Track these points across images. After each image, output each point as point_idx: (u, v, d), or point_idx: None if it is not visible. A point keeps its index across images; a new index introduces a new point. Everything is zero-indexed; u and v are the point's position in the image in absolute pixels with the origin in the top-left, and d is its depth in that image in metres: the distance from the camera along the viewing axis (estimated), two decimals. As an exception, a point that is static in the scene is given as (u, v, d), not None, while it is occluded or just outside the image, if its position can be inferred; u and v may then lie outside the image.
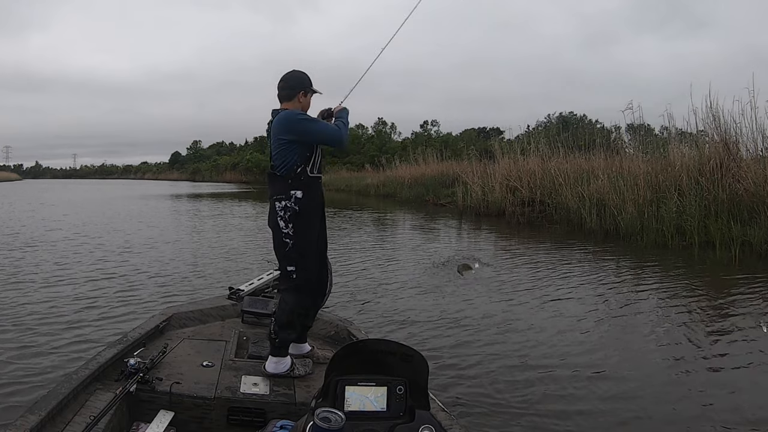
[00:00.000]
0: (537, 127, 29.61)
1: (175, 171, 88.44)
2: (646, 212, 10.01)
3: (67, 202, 23.71)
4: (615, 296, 6.18)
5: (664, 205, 9.76)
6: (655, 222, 9.75)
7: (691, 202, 9.53)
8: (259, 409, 2.46)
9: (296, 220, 2.67)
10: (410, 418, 1.83)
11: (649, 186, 10.51)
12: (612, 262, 8.26)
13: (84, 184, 59.68)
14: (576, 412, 3.21)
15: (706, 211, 9.43)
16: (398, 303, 5.73)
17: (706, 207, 9.48)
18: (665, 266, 7.84)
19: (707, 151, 10.38)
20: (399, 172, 25.84)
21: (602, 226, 10.93)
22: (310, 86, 2.79)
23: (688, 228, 9.20)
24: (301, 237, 2.69)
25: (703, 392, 3.53)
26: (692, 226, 9.13)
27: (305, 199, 2.67)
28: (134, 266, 7.61)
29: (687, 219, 9.32)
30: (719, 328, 4.91)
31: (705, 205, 9.50)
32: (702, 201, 9.52)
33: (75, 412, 2.20)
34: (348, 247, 9.79)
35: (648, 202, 10.23)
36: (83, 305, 5.41)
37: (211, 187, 46.72)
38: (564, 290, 6.39)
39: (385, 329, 4.74)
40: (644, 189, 10.44)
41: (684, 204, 9.65)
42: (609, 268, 7.82)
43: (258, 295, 3.88)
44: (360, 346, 2.02)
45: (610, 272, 7.54)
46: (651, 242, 9.50)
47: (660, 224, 9.63)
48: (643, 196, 10.30)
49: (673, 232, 9.36)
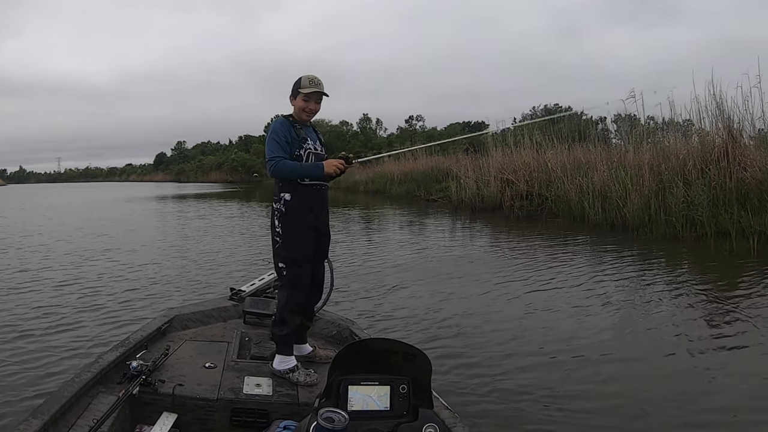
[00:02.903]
0: (524, 120, 29.11)
1: (160, 172, 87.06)
2: (653, 203, 9.47)
3: (56, 206, 23.02)
4: (635, 291, 5.77)
5: (672, 195, 9.24)
6: (663, 213, 9.22)
7: (698, 192, 9.03)
8: (262, 409, 2.43)
9: (284, 221, 2.77)
10: (414, 417, 1.80)
11: (653, 176, 9.98)
12: (625, 256, 7.70)
13: (70, 188, 59.00)
14: (584, 410, 3.06)
15: (714, 200, 8.97)
16: (400, 302, 5.52)
17: (714, 196, 9.02)
18: (684, 259, 7.34)
19: (711, 139, 9.93)
20: (388, 167, 25.15)
21: (606, 218, 10.36)
22: (296, 90, 2.82)
23: (699, 218, 8.67)
24: (288, 236, 2.76)
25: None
26: (703, 216, 8.61)
27: (293, 202, 2.76)
28: (134, 269, 7.40)
29: (697, 209, 8.81)
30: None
31: (713, 194, 9.03)
32: (711, 190, 9.04)
33: (78, 415, 2.15)
34: (345, 246, 9.24)
35: (653, 192, 9.69)
36: (84, 309, 5.29)
37: (196, 187, 45.62)
38: (576, 287, 5.99)
39: (387, 328, 4.60)
40: (648, 179, 9.90)
41: (691, 194, 9.15)
42: (623, 262, 7.29)
43: (259, 296, 3.80)
44: (362, 346, 1.99)
45: (625, 266, 7.02)
46: (661, 234, 8.95)
47: (668, 215, 9.10)
48: (648, 187, 9.75)
49: (683, 223, 8.83)
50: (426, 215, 15.04)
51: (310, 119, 2.91)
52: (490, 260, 7.96)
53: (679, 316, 4.83)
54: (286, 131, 2.78)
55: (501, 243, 9.66)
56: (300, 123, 2.84)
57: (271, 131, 2.79)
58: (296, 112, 2.83)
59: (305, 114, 2.83)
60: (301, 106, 2.80)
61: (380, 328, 4.59)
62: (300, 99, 2.79)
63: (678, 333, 4.37)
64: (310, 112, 2.83)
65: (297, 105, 2.81)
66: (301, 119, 2.85)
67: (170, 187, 47.97)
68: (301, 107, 2.80)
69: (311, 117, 2.88)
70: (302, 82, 2.79)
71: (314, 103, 2.83)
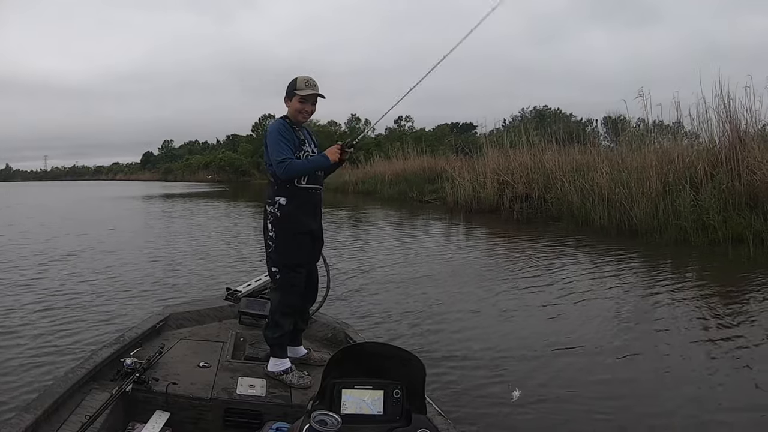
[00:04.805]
0: (513, 121, 28.71)
1: (147, 171, 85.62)
2: (661, 207, 9.00)
3: (44, 205, 22.25)
4: (645, 300, 5.40)
5: (680, 199, 8.77)
6: (672, 217, 8.75)
7: (707, 195, 8.59)
8: (255, 410, 2.40)
9: (278, 225, 2.69)
10: (407, 422, 1.76)
11: (659, 178, 9.51)
12: (636, 262, 7.24)
13: (57, 186, 58.05)
14: (581, 416, 2.99)
15: (724, 204, 8.52)
16: (395, 306, 5.35)
17: (723, 200, 8.58)
18: (705, 267, 6.85)
19: (718, 141, 9.51)
20: (378, 168, 24.54)
21: (612, 221, 9.85)
22: (291, 91, 2.72)
23: (711, 222, 8.21)
24: (281, 241, 2.69)
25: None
26: (715, 221, 8.15)
27: (288, 206, 2.68)
28: (129, 267, 7.34)
29: (707, 213, 8.35)
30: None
31: (723, 198, 8.59)
32: (720, 193, 8.60)
33: (71, 411, 2.13)
34: (340, 249, 8.74)
35: (660, 195, 9.22)
36: (79, 305, 5.23)
37: (184, 187, 44.70)
38: (585, 292, 5.71)
39: (382, 332, 4.49)
40: (655, 182, 9.42)
41: (700, 197, 8.70)
42: (634, 268, 6.87)
43: (255, 297, 3.70)
44: (357, 349, 1.95)
45: (637, 273, 6.60)
46: (671, 239, 8.46)
47: (678, 219, 8.63)
48: (656, 190, 9.27)
49: (695, 228, 8.36)
50: (421, 217, 14.46)
51: (306, 121, 2.81)
52: (490, 264, 7.61)
53: (719, 347, 4.16)
54: (290, 133, 2.69)
55: (502, 246, 9.14)
56: (297, 124, 2.75)
57: (275, 133, 2.66)
58: (292, 113, 2.73)
59: (301, 116, 2.73)
60: (297, 108, 2.71)
61: (375, 331, 4.48)
62: (296, 101, 2.70)
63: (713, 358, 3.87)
64: (306, 114, 2.74)
65: (293, 107, 2.71)
66: (297, 121, 2.75)
67: (157, 186, 47.04)
68: (297, 109, 2.71)
69: (307, 119, 2.77)
70: (298, 84, 2.69)
71: (310, 105, 2.73)
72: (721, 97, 9.47)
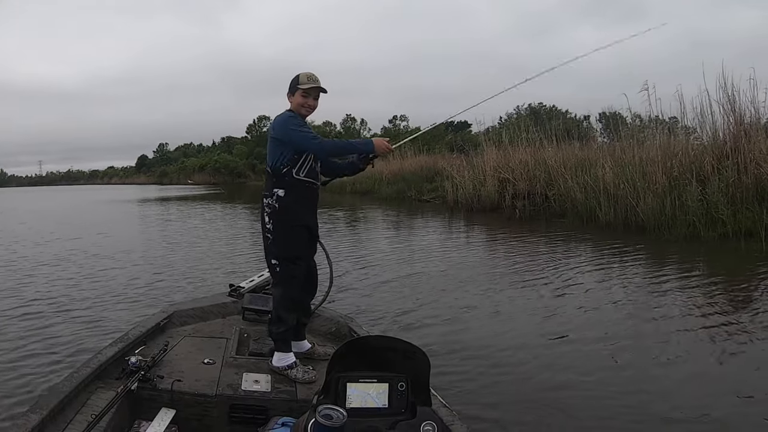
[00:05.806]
0: (509, 119, 28.49)
1: (143, 175, 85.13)
2: (668, 202, 8.79)
3: (38, 211, 22.11)
4: (657, 296, 5.22)
5: (687, 193, 8.57)
6: (680, 212, 8.54)
7: (715, 189, 8.38)
8: (261, 406, 2.38)
9: (276, 217, 2.69)
10: (412, 415, 1.76)
11: (664, 173, 9.30)
12: (646, 259, 7.03)
13: (53, 191, 57.94)
14: (584, 412, 2.93)
15: (731, 198, 8.33)
16: (400, 300, 5.32)
17: (731, 194, 8.38)
18: (719, 263, 6.64)
19: (722, 135, 9.32)
20: (375, 167, 24.24)
21: (618, 217, 9.62)
22: (294, 86, 2.75)
23: (720, 217, 8.01)
24: (280, 233, 2.69)
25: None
26: (725, 215, 7.95)
27: (287, 198, 2.69)
28: (133, 265, 7.36)
29: (716, 207, 8.15)
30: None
31: (730, 192, 8.39)
32: (728, 187, 8.40)
33: (76, 410, 2.11)
34: (343, 246, 8.64)
35: (666, 190, 9.01)
36: (83, 305, 5.24)
37: (180, 189, 44.37)
38: (590, 290, 5.53)
39: (386, 326, 4.46)
40: (661, 177, 9.21)
41: (708, 191, 8.50)
42: (646, 265, 6.67)
43: (259, 292, 3.70)
44: (362, 343, 1.94)
45: (650, 270, 6.36)
46: (681, 234, 8.24)
47: (686, 214, 8.42)
48: (662, 185, 9.07)
49: (704, 222, 8.15)
50: (420, 216, 14.20)
51: (309, 115, 2.83)
52: (494, 262, 7.47)
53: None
54: (301, 121, 2.74)
55: (505, 244, 8.88)
56: (301, 119, 2.78)
57: (288, 122, 2.70)
58: (295, 108, 2.76)
59: (304, 110, 2.77)
60: (300, 102, 2.74)
61: (379, 325, 4.44)
62: (299, 95, 2.74)
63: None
64: (309, 108, 2.77)
65: (296, 101, 2.75)
66: (301, 115, 2.77)
67: (153, 190, 46.75)
68: (300, 103, 2.75)
69: (310, 113, 2.81)
70: (300, 79, 2.74)
71: (313, 99, 2.77)
72: (725, 89, 9.27)
